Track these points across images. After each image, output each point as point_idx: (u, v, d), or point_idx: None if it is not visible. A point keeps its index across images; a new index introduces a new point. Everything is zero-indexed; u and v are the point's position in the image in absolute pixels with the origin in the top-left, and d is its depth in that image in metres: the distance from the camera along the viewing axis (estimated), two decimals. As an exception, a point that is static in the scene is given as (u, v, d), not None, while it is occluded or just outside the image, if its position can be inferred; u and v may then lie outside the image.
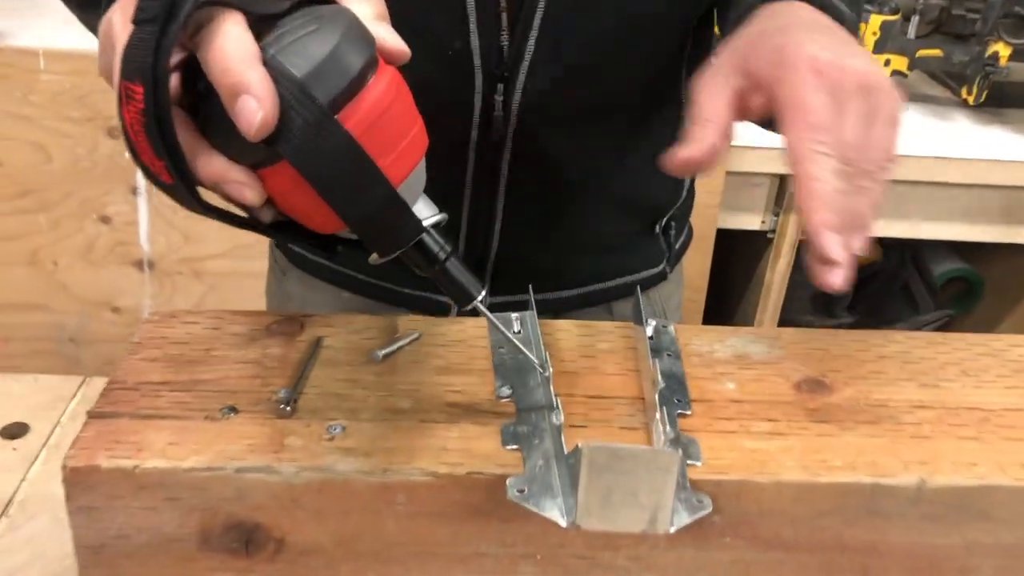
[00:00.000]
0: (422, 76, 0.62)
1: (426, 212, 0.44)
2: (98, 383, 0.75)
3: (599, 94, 0.67)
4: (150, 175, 0.39)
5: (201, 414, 0.47)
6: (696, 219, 0.85)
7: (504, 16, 0.61)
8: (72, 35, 1.35)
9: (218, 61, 0.37)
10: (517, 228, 0.70)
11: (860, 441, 0.48)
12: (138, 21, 0.37)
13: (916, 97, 1.55)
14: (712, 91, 0.48)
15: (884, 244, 1.71)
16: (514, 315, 0.56)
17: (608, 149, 0.70)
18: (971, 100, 1.45)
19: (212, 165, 0.39)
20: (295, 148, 0.38)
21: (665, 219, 0.79)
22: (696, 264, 1.42)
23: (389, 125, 0.40)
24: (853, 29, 0.54)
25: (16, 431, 0.70)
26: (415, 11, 0.60)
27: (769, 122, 0.48)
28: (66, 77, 1.28)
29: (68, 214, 1.38)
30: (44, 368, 1.46)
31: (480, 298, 0.46)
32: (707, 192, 1.32)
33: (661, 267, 0.81)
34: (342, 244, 0.47)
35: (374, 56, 0.40)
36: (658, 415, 0.46)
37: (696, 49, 0.72)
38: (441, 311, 0.74)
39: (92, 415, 0.47)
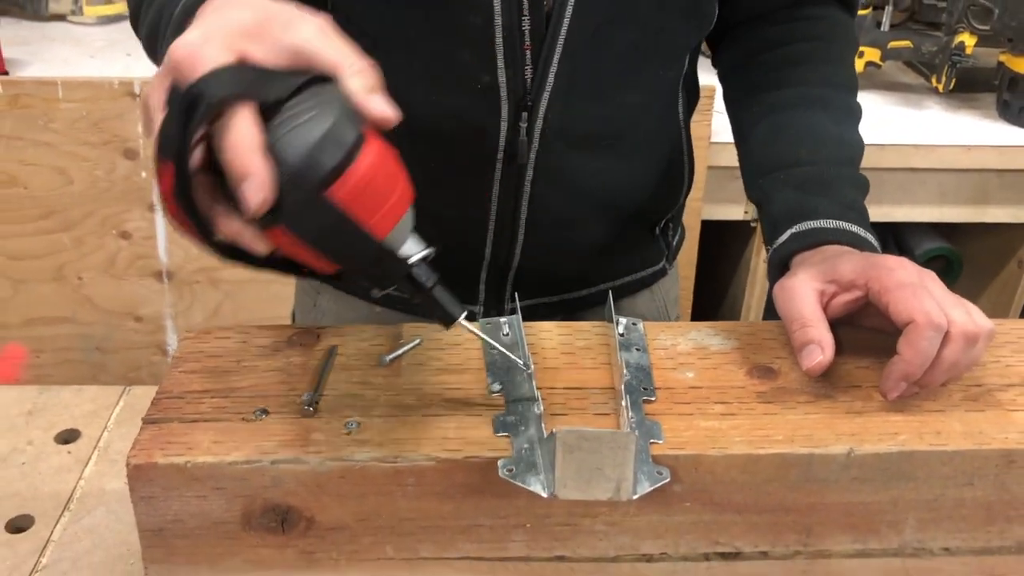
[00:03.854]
0: (454, 107, 0.73)
1: (415, 248, 0.51)
2: (138, 391, 0.83)
3: (611, 116, 0.75)
4: (182, 231, 0.48)
5: (238, 416, 0.56)
6: (681, 212, 0.93)
7: (528, 52, 0.69)
8: (85, 64, 1.44)
9: (227, 150, 0.45)
10: (538, 239, 0.78)
11: (799, 418, 0.57)
12: (169, 108, 0.45)
13: (891, 86, 1.62)
14: (802, 297, 0.61)
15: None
16: (503, 319, 0.64)
17: (618, 165, 0.79)
18: (940, 88, 1.53)
19: (229, 225, 0.48)
20: (290, 219, 0.46)
21: (663, 221, 0.88)
22: (683, 255, 1.49)
23: (375, 191, 0.47)
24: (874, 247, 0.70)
25: (69, 436, 0.78)
26: (449, 49, 0.69)
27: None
28: (83, 104, 1.37)
29: (90, 232, 1.47)
30: (74, 377, 1.55)
31: (463, 317, 0.53)
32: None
33: (662, 264, 0.90)
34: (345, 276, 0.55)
35: (361, 134, 0.47)
36: (623, 402, 0.54)
37: (690, 72, 0.81)
38: None
39: (146, 420, 0.55)
